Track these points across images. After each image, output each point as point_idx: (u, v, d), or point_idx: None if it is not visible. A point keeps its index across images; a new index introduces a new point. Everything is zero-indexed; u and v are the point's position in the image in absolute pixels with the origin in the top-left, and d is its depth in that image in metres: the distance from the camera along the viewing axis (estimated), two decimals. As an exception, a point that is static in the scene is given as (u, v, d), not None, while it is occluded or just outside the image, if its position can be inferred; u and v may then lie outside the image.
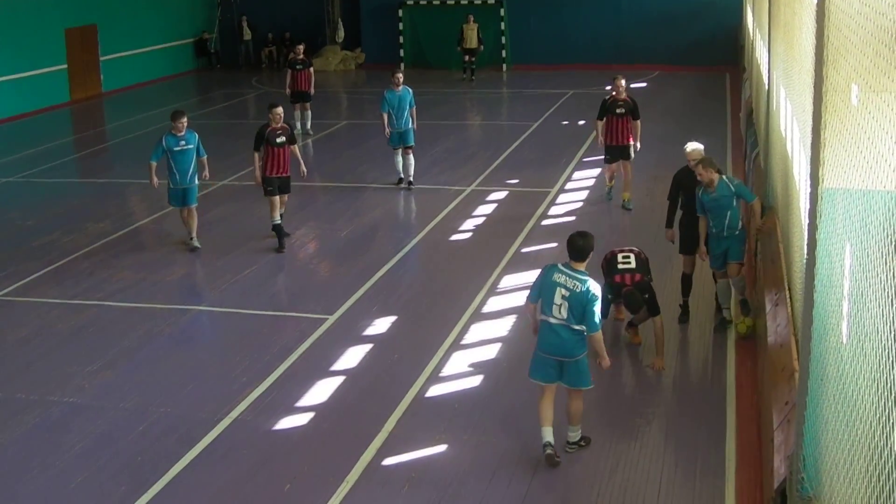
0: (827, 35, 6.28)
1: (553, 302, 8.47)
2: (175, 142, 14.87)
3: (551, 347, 8.57)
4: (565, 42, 35.65)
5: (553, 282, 8.49)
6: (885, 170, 4.50)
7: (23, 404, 10.18)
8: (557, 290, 8.46)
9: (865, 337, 4.88)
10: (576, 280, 8.41)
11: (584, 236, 8.61)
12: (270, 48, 38.88)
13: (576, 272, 8.47)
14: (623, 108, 16.33)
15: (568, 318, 8.43)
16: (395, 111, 18.16)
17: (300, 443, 9.20)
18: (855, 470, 4.95)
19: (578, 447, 8.82)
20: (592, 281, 8.45)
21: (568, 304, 8.40)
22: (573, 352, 8.53)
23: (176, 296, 13.30)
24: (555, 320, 8.48)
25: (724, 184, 11.02)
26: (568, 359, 8.56)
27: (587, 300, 8.36)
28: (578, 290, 8.37)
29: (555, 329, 8.50)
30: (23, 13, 28.92)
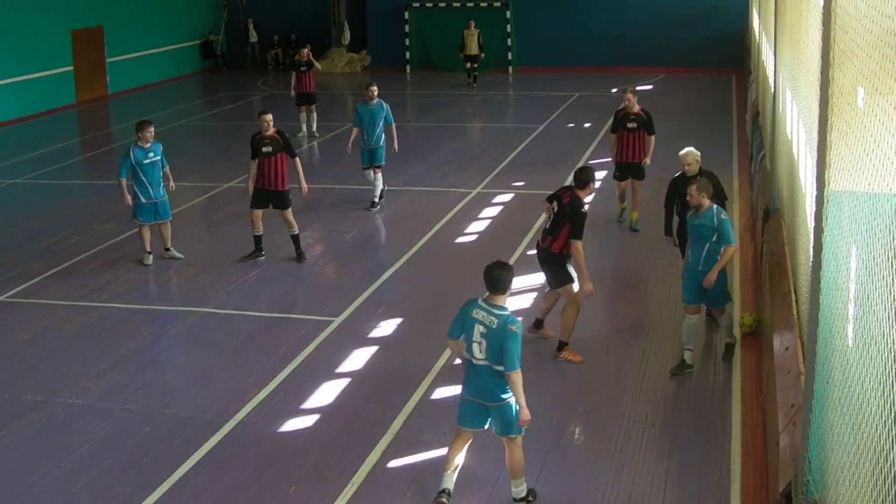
0: (833, 38, 6.28)
1: (473, 340, 7.74)
2: (143, 154, 14.19)
3: (475, 390, 7.86)
4: (571, 44, 35.66)
5: (472, 318, 7.76)
6: (892, 173, 4.50)
7: (29, 405, 10.20)
8: (476, 327, 7.72)
9: (871, 340, 4.87)
10: (492, 315, 7.66)
11: (503, 267, 7.88)
12: (276, 50, 38.95)
13: (493, 307, 7.72)
14: (635, 123, 15.32)
15: (488, 357, 7.68)
16: (366, 127, 17.03)
17: (306, 444, 9.20)
18: (860, 473, 4.95)
19: (528, 501, 8.08)
20: (512, 316, 7.69)
21: (486, 343, 7.66)
22: (497, 395, 7.79)
23: (182, 297, 13.32)
24: (477, 361, 7.77)
25: (711, 214, 10.24)
26: (492, 403, 7.84)
27: (504, 336, 7.56)
28: (494, 325, 7.62)
29: (478, 370, 7.79)
30: (29, 15, 28.98)
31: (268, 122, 14.14)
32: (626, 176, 15.52)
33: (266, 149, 14.00)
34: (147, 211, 14.40)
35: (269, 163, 14.04)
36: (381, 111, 17.08)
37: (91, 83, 32.21)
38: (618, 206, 16.01)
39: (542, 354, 11.08)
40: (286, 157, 14.24)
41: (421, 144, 23.59)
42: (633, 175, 15.46)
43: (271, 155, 14.03)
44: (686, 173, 11.62)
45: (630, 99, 15.39)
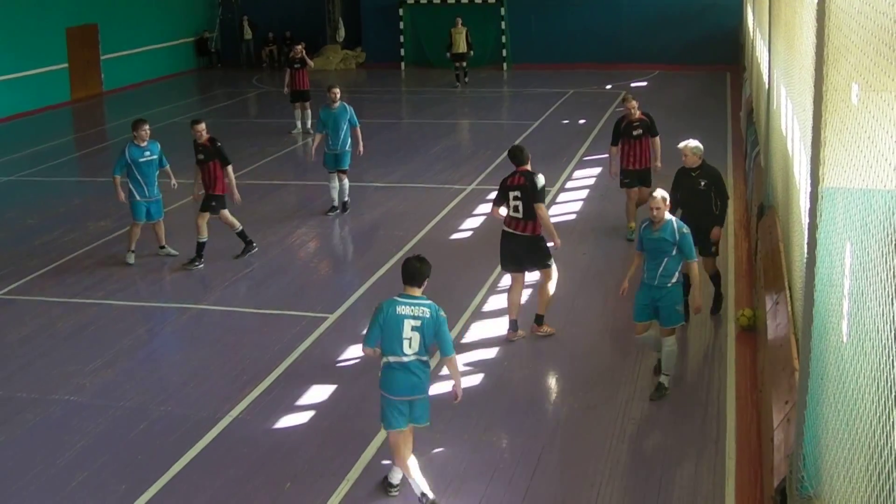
0: (827, 34, 6.28)
1: (402, 338, 7.75)
2: (139, 153, 14.25)
3: (407, 389, 7.87)
4: (566, 41, 35.66)
5: (398, 316, 7.76)
6: (886, 169, 4.51)
7: (23, 403, 10.18)
8: (405, 323, 7.74)
9: (866, 336, 4.88)
10: (421, 306, 7.80)
11: (421, 260, 8.00)
12: (271, 47, 38.89)
13: (416, 299, 7.86)
14: (640, 129, 14.57)
15: (419, 350, 7.80)
16: (329, 131, 16.43)
17: (300, 442, 9.20)
18: (855, 469, 4.96)
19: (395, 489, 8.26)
20: (433, 303, 7.89)
21: (419, 335, 7.75)
22: (425, 387, 7.95)
23: (176, 294, 13.31)
24: (408, 357, 7.79)
25: (672, 228, 9.76)
26: (419, 396, 7.94)
27: (438, 322, 7.77)
28: (427, 315, 7.75)
29: (409, 367, 7.80)
30: (24, 12, 28.93)
31: (199, 131, 14.30)
32: (636, 183, 14.70)
33: (199, 156, 14.27)
34: (141, 210, 14.38)
35: (203, 169, 14.30)
36: (345, 114, 16.50)
37: (86, 80, 32.16)
38: (626, 223, 14.91)
39: (540, 353, 11.08)
40: (219, 165, 14.31)
41: (415, 141, 23.58)
42: (641, 182, 14.69)
43: (205, 162, 14.25)
44: (685, 165, 11.59)
45: (633, 107, 14.63)
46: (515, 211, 11.14)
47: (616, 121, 14.92)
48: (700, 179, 11.46)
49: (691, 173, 11.50)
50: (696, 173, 11.49)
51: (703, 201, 11.44)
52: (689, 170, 11.53)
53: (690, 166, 11.51)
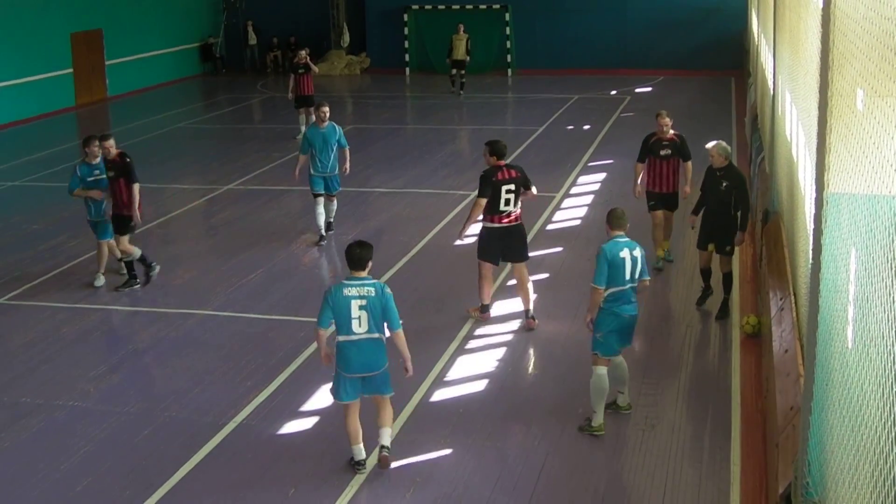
0: (832, 40, 6.28)
1: (351, 318, 8.30)
2: (88, 171, 13.46)
3: (358, 365, 8.41)
4: (570, 47, 35.67)
5: (345, 297, 8.31)
6: (891, 174, 4.50)
7: (28, 408, 10.19)
8: (352, 303, 8.30)
9: (871, 342, 4.87)
10: (366, 286, 8.35)
11: (363, 245, 8.52)
12: (276, 53, 38.94)
13: (361, 280, 8.39)
14: (669, 149, 13.42)
15: (369, 328, 8.32)
16: (317, 152, 15.22)
17: (305, 446, 9.20)
18: (860, 475, 4.95)
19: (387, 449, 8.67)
20: (379, 281, 8.55)
21: (367, 313, 8.29)
22: (379, 363, 8.47)
23: (181, 300, 13.31)
24: (357, 336, 8.34)
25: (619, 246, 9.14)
26: (375, 372, 8.47)
27: (385, 299, 8.36)
28: (373, 294, 8.32)
29: (359, 346, 8.35)
30: (28, 17, 28.99)
31: (108, 147, 13.37)
32: (660, 206, 13.57)
33: (109, 173, 13.41)
34: (95, 228, 13.80)
35: (113, 187, 13.42)
36: (334, 134, 15.34)
37: (90, 86, 32.21)
38: (654, 251, 13.52)
39: (545, 358, 11.08)
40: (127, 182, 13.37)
41: (420, 147, 23.59)
42: (666, 206, 13.60)
43: (114, 179, 13.39)
44: (712, 165, 11.95)
45: (666, 123, 13.50)
46: (507, 204, 11.59)
47: (645, 136, 13.82)
48: (723, 180, 11.80)
49: (716, 173, 11.89)
50: (721, 174, 11.84)
51: (724, 202, 11.81)
52: (715, 169, 11.92)
53: (717, 167, 11.88)
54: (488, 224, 11.77)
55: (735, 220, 11.83)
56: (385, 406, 8.71)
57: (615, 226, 9.17)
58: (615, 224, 9.18)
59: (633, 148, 21.67)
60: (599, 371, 9.16)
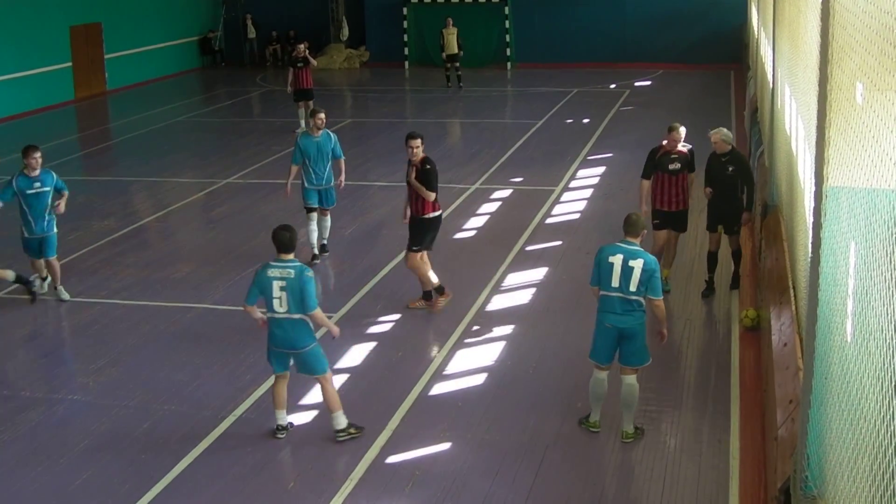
0: (832, 33, 6.27)
1: (272, 297, 8.81)
2: (28, 183, 12.52)
3: (280, 341, 8.94)
4: (570, 40, 35.64)
5: (268, 278, 8.83)
6: (890, 168, 4.50)
7: (27, 402, 10.19)
8: (273, 284, 8.80)
9: (870, 335, 4.87)
10: (287, 268, 8.82)
11: (288, 229, 9.00)
12: (275, 46, 38.92)
13: (285, 262, 8.87)
14: (679, 163, 12.32)
15: (289, 308, 8.78)
16: (311, 163, 13.95)
17: (304, 440, 9.20)
18: (859, 469, 4.95)
19: (349, 434, 9.08)
20: (304, 265, 8.92)
21: (286, 294, 8.76)
22: (300, 342, 8.90)
23: (180, 293, 13.31)
24: (279, 315, 8.84)
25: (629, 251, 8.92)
26: (296, 350, 8.94)
27: (302, 282, 8.74)
28: (292, 276, 8.77)
29: (280, 323, 8.86)
30: (27, 11, 28.95)
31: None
32: (668, 225, 12.51)
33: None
34: (32, 246, 12.85)
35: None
36: (329, 143, 14.14)
37: (89, 79, 32.18)
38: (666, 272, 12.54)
39: (544, 352, 11.08)
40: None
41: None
42: (673, 226, 12.51)
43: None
44: (715, 151, 12.21)
45: (679, 138, 12.36)
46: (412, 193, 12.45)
47: (650, 150, 12.69)
48: (728, 165, 12.12)
49: (721, 158, 12.16)
50: (726, 159, 12.15)
51: (731, 185, 12.16)
52: (719, 155, 12.18)
53: (721, 152, 12.15)
54: (437, 213, 12.36)
55: (741, 201, 12.23)
56: (324, 389, 9.11)
57: (625, 231, 8.99)
58: (624, 229, 9.00)
59: (632, 141, 21.83)
60: (595, 374, 9.07)
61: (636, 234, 8.94)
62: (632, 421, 9.03)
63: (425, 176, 12.05)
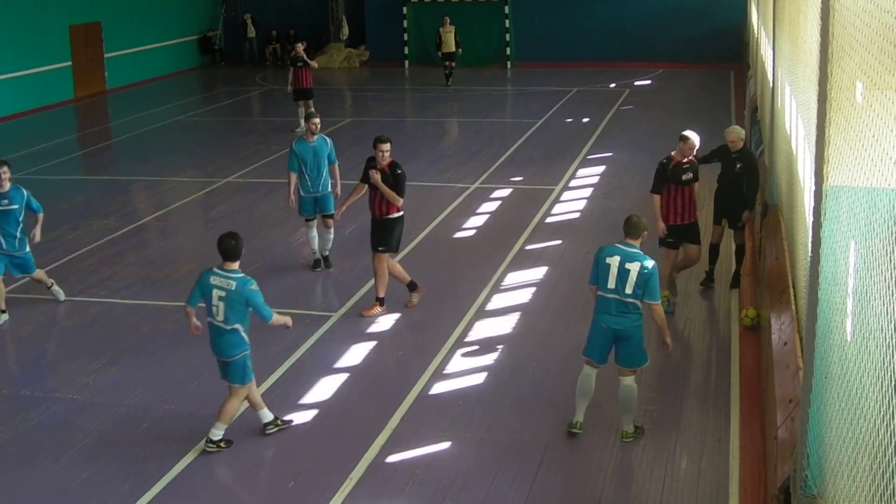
0: (832, 32, 6.27)
1: (212, 304, 8.73)
2: None
3: (214, 348, 8.90)
4: (569, 39, 35.63)
5: (210, 284, 8.72)
6: (890, 167, 4.50)
7: (27, 401, 10.19)
8: (213, 292, 8.70)
9: (870, 334, 4.88)
10: (228, 279, 8.68)
11: (234, 237, 8.79)
12: (275, 45, 38.91)
13: (228, 272, 8.72)
14: (690, 173, 11.73)
15: (224, 318, 8.71)
16: (308, 170, 13.46)
17: (304, 440, 9.20)
18: (859, 468, 4.95)
19: (218, 447, 8.94)
20: (246, 277, 8.76)
21: (224, 304, 8.67)
22: (227, 352, 8.82)
23: (180, 292, 13.21)
24: (216, 322, 8.78)
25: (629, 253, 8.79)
26: (223, 358, 8.88)
27: (246, 295, 8.65)
28: (233, 288, 8.65)
29: (214, 330, 8.82)
30: (27, 10, 28.94)
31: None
32: (682, 241, 11.97)
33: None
34: (5, 262, 12.19)
35: None
36: (325, 148, 13.70)
37: (89, 79, 32.17)
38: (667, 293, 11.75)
39: (544, 351, 11.08)
40: None
41: (419, 140, 23.57)
42: (688, 238, 11.99)
43: None
44: (728, 145, 12.36)
45: (693, 145, 11.70)
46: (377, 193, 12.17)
47: (660, 163, 11.85)
48: (737, 162, 12.28)
49: (732, 154, 12.32)
50: (736, 155, 12.31)
51: (737, 181, 12.31)
52: (730, 151, 12.34)
53: (734, 149, 12.31)
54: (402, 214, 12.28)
55: (744, 198, 12.34)
56: (230, 397, 9.00)
57: (625, 232, 8.92)
58: (625, 231, 8.93)
59: (631, 141, 21.84)
60: (584, 370, 9.04)
61: (636, 237, 8.87)
62: (631, 421, 9.02)
63: (397, 181, 11.94)
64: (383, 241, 12.10)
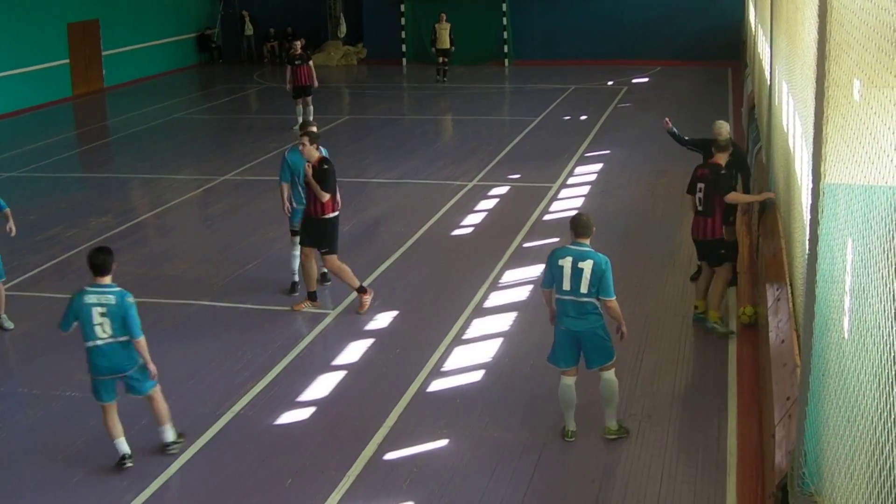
0: (829, 30, 6.27)
1: (93, 324, 8.40)
2: None
3: (107, 370, 8.55)
4: (567, 37, 35.63)
5: (86, 304, 8.42)
6: (887, 165, 4.50)
7: (26, 398, 10.20)
8: (93, 311, 8.41)
9: (867, 332, 4.88)
10: (106, 294, 8.45)
11: (104, 251, 8.60)
12: (272, 43, 38.89)
13: (103, 287, 8.50)
14: None
15: (113, 332, 8.43)
16: (301, 180, 12.44)
17: (302, 437, 9.20)
18: (856, 465, 4.96)
19: (177, 442, 8.90)
20: (123, 290, 8.56)
21: (109, 320, 8.40)
22: (127, 364, 8.57)
23: (178, 290, 13.30)
24: (102, 341, 8.44)
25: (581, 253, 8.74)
26: (123, 373, 8.60)
27: (125, 308, 8.43)
28: (112, 302, 8.42)
29: (104, 350, 8.47)
30: (25, 8, 28.93)
31: None
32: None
33: None
34: None
35: None
36: None
37: (87, 76, 32.16)
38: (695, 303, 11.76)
39: (542, 348, 11.09)
40: None
41: (417, 137, 23.58)
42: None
43: None
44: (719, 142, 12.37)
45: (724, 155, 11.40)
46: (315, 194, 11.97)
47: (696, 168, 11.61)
48: None
49: None
50: None
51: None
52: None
53: None
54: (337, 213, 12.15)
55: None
56: (154, 403, 8.83)
57: (575, 232, 8.78)
58: (574, 231, 8.78)
59: (629, 138, 21.84)
60: (562, 380, 8.95)
61: (587, 235, 8.76)
62: (614, 416, 8.96)
63: (323, 177, 11.75)
64: (317, 243, 12.01)
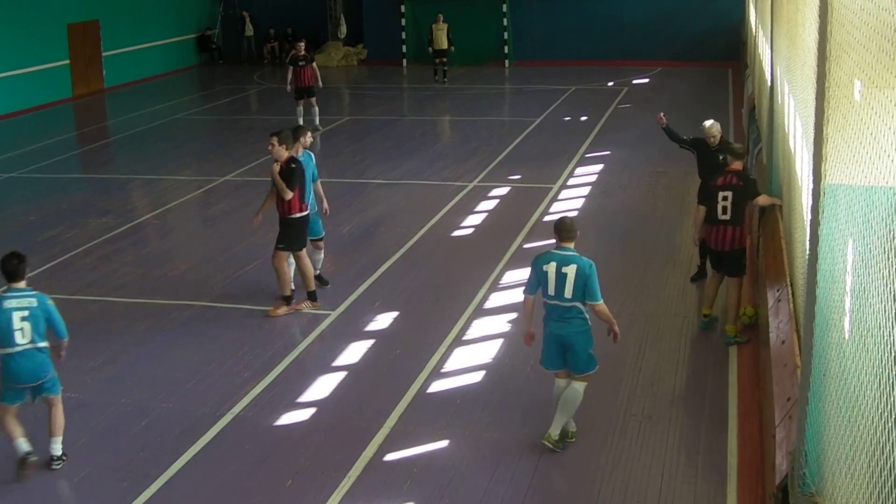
0: (830, 31, 6.27)
1: (13, 329, 8.34)
2: None
3: (23, 376, 8.48)
4: (567, 38, 35.63)
5: (6, 310, 8.35)
6: (888, 165, 4.50)
7: (25, 399, 10.17)
8: (13, 315, 8.35)
9: (868, 333, 4.88)
10: (26, 297, 8.42)
11: (16, 256, 8.55)
12: (273, 44, 38.90)
13: (21, 291, 8.45)
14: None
15: (32, 337, 8.39)
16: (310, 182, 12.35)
17: (302, 438, 9.20)
18: (857, 466, 4.95)
19: (62, 460, 8.78)
20: (41, 292, 8.59)
21: (30, 324, 8.37)
22: (44, 370, 8.55)
23: (178, 291, 13.30)
24: (22, 346, 8.39)
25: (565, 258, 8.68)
26: (41, 380, 8.56)
27: (48, 311, 8.48)
28: (34, 304, 8.41)
29: (24, 356, 8.42)
30: (25, 8, 28.92)
31: None
32: None
33: None
34: None
35: None
36: (310, 164, 12.48)
37: (87, 77, 32.16)
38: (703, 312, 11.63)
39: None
40: None
41: (417, 138, 23.58)
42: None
43: None
44: (710, 145, 12.50)
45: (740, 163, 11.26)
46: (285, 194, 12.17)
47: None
48: (719, 154, 12.23)
49: (712, 149, 12.45)
50: (716, 149, 12.40)
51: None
52: (709, 146, 12.49)
53: (713, 144, 12.46)
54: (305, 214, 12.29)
55: None
56: (54, 411, 8.75)
57: (559, 237, 8.74)
58: (559, 235, 8.75)
59: (630, 139, 21.82)
60: (556, 383, 8.95)
61: (570, 240, 8.71)
62: (560, 428, 8.75)
63: (288, 174, 11.86)
64: (281, 240, 12.20)
